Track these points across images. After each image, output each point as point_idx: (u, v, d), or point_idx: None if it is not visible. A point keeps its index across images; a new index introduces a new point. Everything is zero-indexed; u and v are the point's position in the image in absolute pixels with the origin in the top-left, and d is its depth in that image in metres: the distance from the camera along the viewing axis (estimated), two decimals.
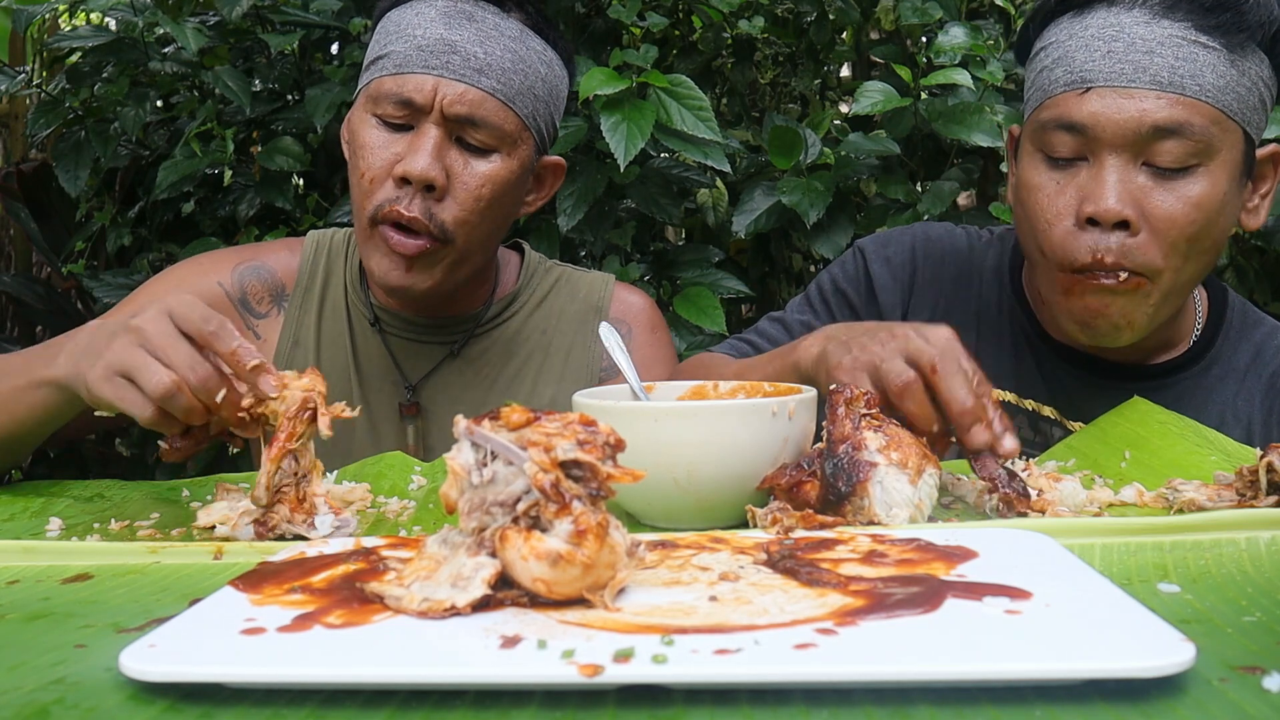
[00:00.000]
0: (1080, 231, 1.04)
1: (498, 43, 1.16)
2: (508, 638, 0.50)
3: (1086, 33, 1.05)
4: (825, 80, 2.60)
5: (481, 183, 1.17)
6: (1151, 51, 1.02)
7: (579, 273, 1.42)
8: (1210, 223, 1.03)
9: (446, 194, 1.15)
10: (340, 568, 0.63)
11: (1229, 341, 1.19)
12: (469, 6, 1.17)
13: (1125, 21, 1.03)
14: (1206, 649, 0.49)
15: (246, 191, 2.08)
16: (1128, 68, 1.02)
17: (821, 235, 1.94)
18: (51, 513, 0.92)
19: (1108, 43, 1.03)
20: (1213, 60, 1.01)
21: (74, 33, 2.18)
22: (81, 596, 0.66)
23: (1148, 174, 1.03)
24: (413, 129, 1.16)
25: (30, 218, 2.56)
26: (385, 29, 1.20)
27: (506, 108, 1.17)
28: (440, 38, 1.15)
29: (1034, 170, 1.09)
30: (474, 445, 0.59)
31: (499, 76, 1.16)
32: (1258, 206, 1.12)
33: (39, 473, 2.15)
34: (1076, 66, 1.05)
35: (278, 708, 0.46)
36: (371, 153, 1.16)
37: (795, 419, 0.81)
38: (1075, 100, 1.04)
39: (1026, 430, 1.21)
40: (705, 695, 0.46)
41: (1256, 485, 0.79)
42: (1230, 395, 1.17)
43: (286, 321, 1.30)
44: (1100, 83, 1.03)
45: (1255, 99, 1.05)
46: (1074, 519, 0.77)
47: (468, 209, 1.16)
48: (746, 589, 0.58)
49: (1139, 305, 1.05)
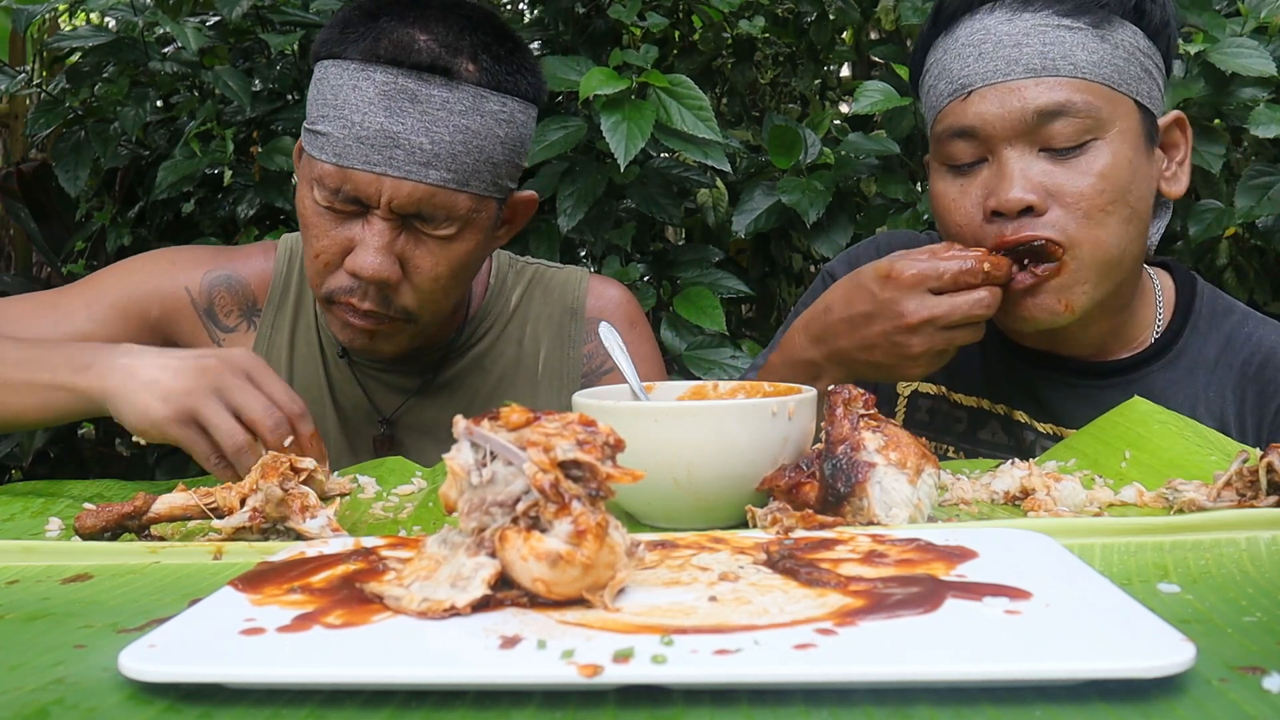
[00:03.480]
0: (987, 224, 1.06)
1: (445, 125, 1.07)
2: (507, 638, 0.50)
3: (957, 44, 1.09)
4: (825, 80, 2.60)
5: (437, 263, 1.11)
6: (1019, 44, 1.05)
7: (550, 270, 1.36)
8: (1122, 190, 1.05)
9: (403, 281, 1.10)
10: (340, 568, 0.63)
11: (1198, 332, 1.18)
12: (412, 84, 1.06)
13: (989, 24, 1.07)
14: (1206, 649, 0.49)
15: (246, 191, 2.08)
16: (1000, 64, 1.05)
17: (821, 235, 1.94)
18: (51, 513, 0.92)
19: (977, 46, 1.07)
20: (1080, 39, 1.04)
21: (74, 33, 2.18)
22: (81, 596, 0.66)
23: (1047, 158, 1.05)
24: (361, 216, 1.09)
25: (30, 218, 2.56)
26: (322, 94, 1.10)
27: (459, 193, 1.09)
28: (381, 128, 1.05)
29: (940, 181, 1.12)
30: (473, 445, 0.59)
31: (448, 165, 1.07)
32: (1176, 174, 1.14)
33: (39, 473, 2.15)
34: (955, 75, 1.09)
35: (277, 708, 0.46)
36: (322, 234, 1.10)
37: (795, 419, 0.81)
38: (960, 106, 1.08)
39: (1001, 435, 1.21)
40: (705, 695, 0.46)
41: (1256, 485, 0.79)
42: (1200, 387, 1.16)
43: (258, 339, 1.27)
44: (978, 84, 1.06)
45: (1137, 69, 1.06)
46: (1074, 519, 0.77)
47: (426, 291, 1.12)
48: (746, 589, 0.58)
49: (1069, 285, 1.05)
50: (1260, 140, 1.87)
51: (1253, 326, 1.17)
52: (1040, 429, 1.18)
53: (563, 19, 2.24)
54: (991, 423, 1.22)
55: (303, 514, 0.79)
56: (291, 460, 0.82)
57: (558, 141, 1.87)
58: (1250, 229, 1.91)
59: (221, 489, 0.82)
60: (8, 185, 2.59)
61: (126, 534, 0.81)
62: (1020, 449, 1.19)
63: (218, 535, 0.79)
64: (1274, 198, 1.78)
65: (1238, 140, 2.01)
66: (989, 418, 1.22)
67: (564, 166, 1.96)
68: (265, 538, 0.79)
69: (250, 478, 0.81)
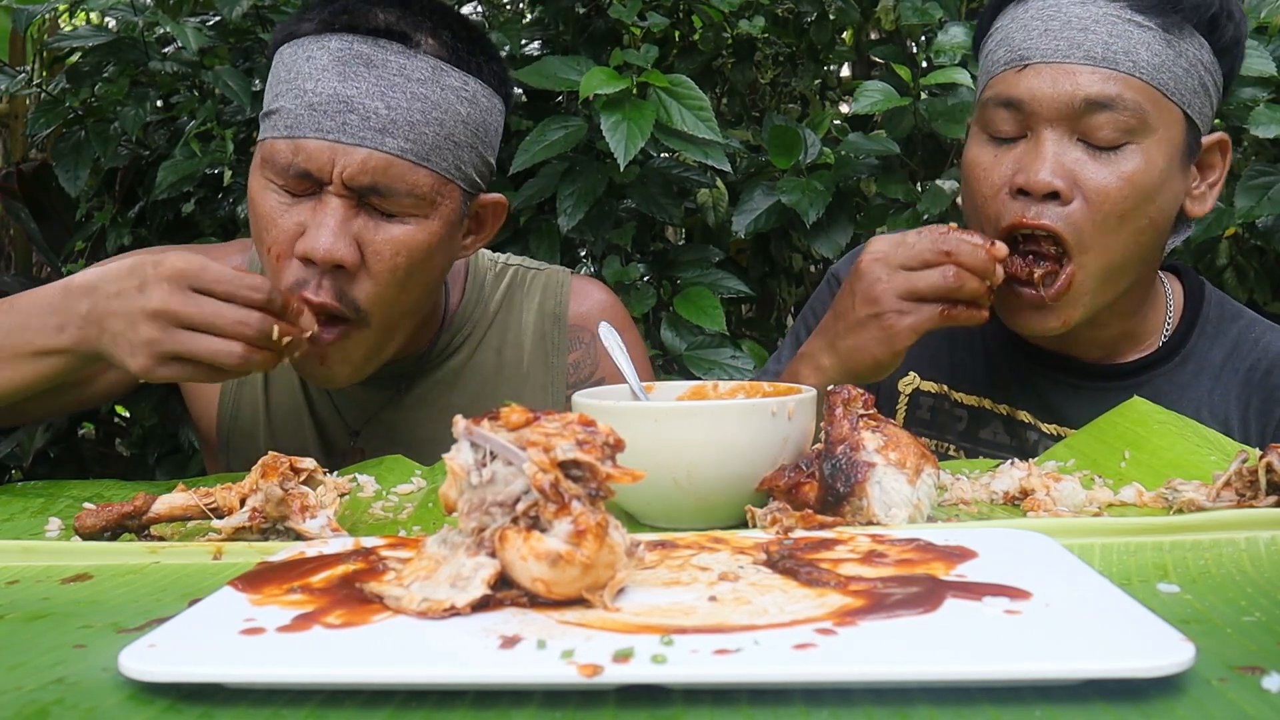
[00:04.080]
0: (1010, 200, 1.06)
1: (403, 91, 1.01)
2: (507, 638, 0.50)
3: (1026, 14, 1.09)
4: (825, 80, 2.60)
5: (396, 251, 1.03)
6: (1086, 29, 1.04)
7: (531, 271, 1.30)
8: (1145, 199, 1.05)
9: (360, 268, 1.03)
10: (340, 568, 0.63)
11: (1205, 337, 1.19)
12: (367, 48, 1.01)
13: (1063, 2, 1.07)
14: (1206, 649, 0.49)
15: (246, 191, 2.08)
16: (1063, 44, 1.05)
17: (821, 235, 1.94)
18: (51, 513, 0.92)
19: (1045, 21, 1.07)
20: (1148, 39, 1.03)
21: (74, 33, 2.18)
22: (81, 596, 0.66)
23: (1082, 149, 1.05)
24: (315, 196, 1.03)
25: (30, 218, 2.56)
26: (277, 74, 1.06)
27: (419, 167, 1.03)
28: (334, 93, 1.00)
29: (977, 148, 1.12)
30: (473, 445, 0.59)
31: (406, 134, 1.01)
32: (1204, 194, 1.14)
33: (39, 473, 2.15)
34: (1015, 45, 1.08)
35: (277, 708, 0.46)
36: (272, 224, 1.03)
37: (795, 419, 0.81)
38: (1014, 77, 1.07)
39: (1003, 435, 1.21)
40: (705, 695, 0.46)
41: (1256, 485, 0.79)
42: (1205, 391, 1.16)
43: None
44: (1036, 59, 1.06)
45: (1194, 81, 1.06)
46: (1074, 519, 0.77)
47: (383, 283, 1.04)
48: (746, 589, 0.58)
49: (1073, 300, 1.06)
50: (1260, 140, 1.87)
51: (1260, 332, 1.18)
52: (1045, 429, 1.18)
53: (563, 19, 2.24)
54: (993, 422, 1.22)
55: (302, 514, 0.79)
56: (292, 461, 0.82)
57: (558, 141, 1.87)
58: (1250, 229, 1.91)
59: (221, 489, 0.82)
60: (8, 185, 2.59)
61: (126, 534, 0.81)
62: (1023, 449, 1.19)
63: (217, 535, 0.79)
64: (1274, 198, 1.78)
65: (1238, 140, 2.01)
66: (991, 417, 1.22)
67: (564, 166, 1.96)
68: (265, 538, 0.79)
69: (250, 478, 0.81)
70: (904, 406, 1.27)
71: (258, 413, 1.26)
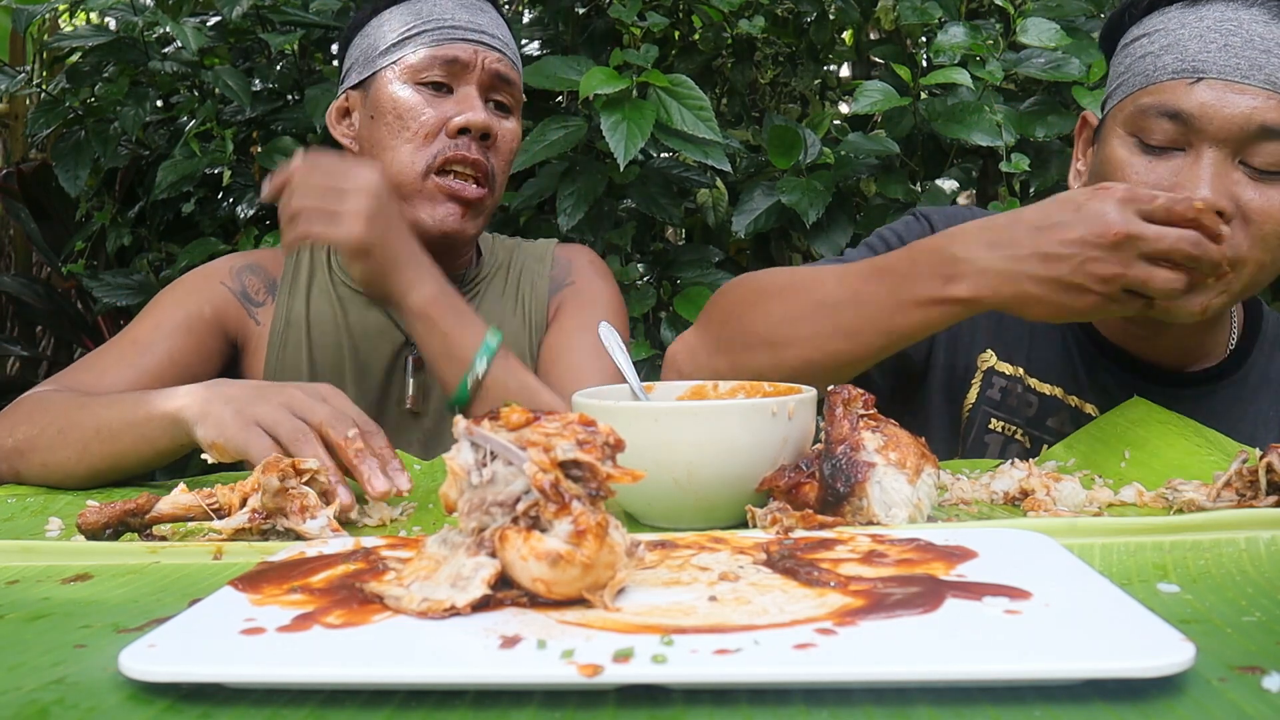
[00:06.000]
0: None
1: (501, 29, 1.38)
2: (507, 638, 0.50)
3: (1202, 24, 1.04)
4: (825, 80, 2.60)
5: (511, 138, 1.36)
6: (1269, 51, 1.00)
7: (527, 242, 1.57)
8: None
9: (491, 149, 1.32)
10: (340, 568, 0.63)
11: (1263, 353, 1.20)
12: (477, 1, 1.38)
13: (1244, 18, 1.02)
14: (1206, 649, 0.49)
15: (246, 191, 2.08)
16: (1243, 63, 1.01)
17: (821, 235, 1.94)
18: (51, 513, 0.92)
19: (1225, 36, 1.02)
20: None
21: (74, 33, 2.18)
22: (81, 596, 0.66)
23: (1242, 171, 1.01)
24: (452, 92, 1.31)
25: (30, 218, 2.56)
26: (399, 17, 1.34)
27: (518, 75, 1.39)
28: (469, 22, 1.34)
29: (1124, 149, 1.07)
30: (473, 445, 0.59)
31: (511, 53, 1.38)
32: None
33: None
34: (1189, 55, 1.03)
35: (277, 708, 0.46)
36: (421, 112, 1.30)
37: (795, 419, 0.81)
38: (1184, 89, 1.02)
39: (1069, 426, 1.21)
40: (705, 695, 0.46)
41: (1256, 485, 0.79)
42: (1265, 406, 1.18)
43: (278, 305, 1.41)
44: (1213, 74, 1.01)
45: None
46: (1074, 519, 0.77)
47: (504, 161, 1.36)
48: (746, 589, 0.58)
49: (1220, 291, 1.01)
50: None
51: None
52: None
53: (563, 19, 2.24)
54: (1062, 412, 1.22)
55: (302, 514, 0.79)
56: (293, 462, 0.82)
57: (558, 141, 1.87)
58: None
59: (223, 489, 0.82)
60: (8, 185, 2.60)
61: (128, 533, 0.81)
62: None
63: (218, 535, 0.79)
64: None
65: None
66: (1061, 407, 1.22)
67: (564, 166, 1.96)
68: (265, 538, 0.79)
69: (251, 478, 0.81)
70: (978, 382, 1.27)
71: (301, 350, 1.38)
